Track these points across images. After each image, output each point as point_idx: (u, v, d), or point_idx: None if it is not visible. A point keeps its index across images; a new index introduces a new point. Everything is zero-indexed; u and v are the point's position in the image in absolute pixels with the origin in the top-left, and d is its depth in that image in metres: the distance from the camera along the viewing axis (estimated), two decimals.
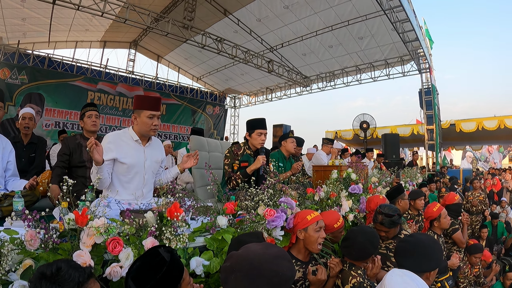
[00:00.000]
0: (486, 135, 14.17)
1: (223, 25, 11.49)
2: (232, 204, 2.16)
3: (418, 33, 10.32)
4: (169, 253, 1.39)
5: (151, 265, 1.34)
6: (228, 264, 1.28)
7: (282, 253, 1.31)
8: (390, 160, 9.51)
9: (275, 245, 1.38)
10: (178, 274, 1.37)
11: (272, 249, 1.31)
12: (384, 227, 2.82)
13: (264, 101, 17.78)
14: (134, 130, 2.49)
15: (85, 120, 3.40)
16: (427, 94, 12.34)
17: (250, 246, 1.33)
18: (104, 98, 12.92)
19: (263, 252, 1.26)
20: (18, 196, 2.28)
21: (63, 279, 1.09)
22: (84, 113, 3.41)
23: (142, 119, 2.41)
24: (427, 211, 3.69)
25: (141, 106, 2.43)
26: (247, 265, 1.22)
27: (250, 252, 1.27)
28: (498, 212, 8.02)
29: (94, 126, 3.40)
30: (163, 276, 1.30)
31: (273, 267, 1.22)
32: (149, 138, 2.56)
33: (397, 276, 1.46)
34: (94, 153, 2.11)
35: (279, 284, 1.22)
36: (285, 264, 1.26)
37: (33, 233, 1.42)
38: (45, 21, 10.51)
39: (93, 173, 2.26)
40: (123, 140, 2.44)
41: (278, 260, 1.25)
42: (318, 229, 2.17)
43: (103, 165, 2.22)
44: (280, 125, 12.20)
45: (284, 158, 4.31)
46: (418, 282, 1.44)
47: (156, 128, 2.46)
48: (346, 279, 2.13)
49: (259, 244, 1.36)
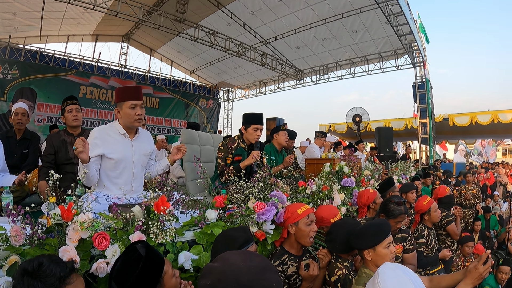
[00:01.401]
0: (480, 130, 14.24)
1: (216, 18, 11.40)
2: (221, 197, 2.14)
3: (412, 26, 10.33)
4: (145, 247, 1.36)
5: (129, 263, 1.32)
6: (208, 282, 1.07)
7: (267, 264, 1.13)
8: (383, 153, 9.53)
9: (255, 253, 1.21)
10: (157, 268, 1.35)
11: (255, 259, 1.12)
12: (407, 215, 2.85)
13: (258, 94, 17.76)
14: (120, 123, 2.42)
15: (66, 116, 3.29)
16: (421, 88, 12.39)
17: (229, 257, 1.14)
18: (96, 92, 12.82)
19: (247, 266, 1.07)
20: (6, 192, 2.24)
21: (45, 274, 1.09)
22: (64, 108, 3.30)
23: (124, 111, 2.35)
24: (417, 205, 3.71)
25: (121, 98, 2.37)
26: (234, 284, 1.02)
27: (232, 266, 1.07)
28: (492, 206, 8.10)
29: (75, 121, 3.29)
30: (141, 272, 1.28)
31: (264, 283, 1.04)
32: (136, 130, 2.50)
33: (390, 269, 1.46)
34: (80, 154, 2.06)
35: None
36: (274, 277, 1.09)
37: (18, 229, 1.39)
38: (36, 15, 10.39)
39: (80, 171, 2.19)
40: (109, 135, 2.38)
41: (266, 274, 1.07)
42: (309, 223, 2.15)
43: (89, 163, 2.18)
44: (274, 118, 12.18)
45: (276, 151, 4.29)
46: (410, 275, 1.44)
47: (140, 117, 2.37)
48: (332, 271, 2.13)
49: (238, 253, 1.19)
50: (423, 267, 3.43)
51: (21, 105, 3.81)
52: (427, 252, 3.52)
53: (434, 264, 3.55)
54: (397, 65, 12.92)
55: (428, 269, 3.51)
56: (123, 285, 1.28)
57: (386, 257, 1.87)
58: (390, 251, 1.90)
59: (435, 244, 3.63)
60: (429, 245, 3.54)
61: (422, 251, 3.50)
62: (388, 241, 1.92)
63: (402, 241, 2.95)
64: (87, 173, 2.16)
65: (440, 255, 3.68)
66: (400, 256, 2.93)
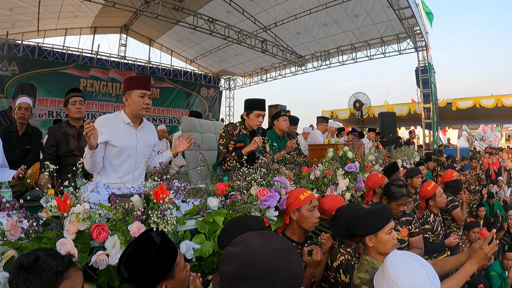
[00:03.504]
0: (483, 114, 14.09)
1: (214, 6, 11.20)
2: (223, 184, 2.09)
3: (414, 10, 10.17)
4: (160, 236, 1.35)
5: (142, 249, 1.31)
6: (231, 269, 1.04)
7: (289, 246, 1.10)
8: (387, 139, 9.46)
9: (273, 234, 1.17)
10: (170, 258, 1.32)
11: (276, 241, 1.09)
12: (409, 197, 2.82)
13: (259, 81, 17.66)
14: (126, 112, 2.46)
15: (69, 107, 3.28)
16: (424, 72, 12.24)
17: (249, 240, 1.10)
18: (96, 85, 12.76)
19: (271, 250, 1.04)
20: (5, 187, 2.24)
21: (41, 269, 1.07)
22: (68, 99, 3.29)
23: (133, 99, 2.39)
24: (422, 190, 3.67)
25: (131, 86, 2.41)
26: (260, 270, 0.99)
27: (255, 252, 1.03)
28: (496, 191, 8.05)
29: (79, 113, 3.28)
30: (153, 260, 1.25)
31: (288, 267, 1.02)
32: (141, 121, 2.54)
33: (399, 256, 1.41)
34: (90, 137, 2.08)
35: (295, 285, 1.04)
36: (297, 260, 1.07)
37: (13, 223, 1.36)
38: (33, 10, 10.28)
39: (86, 157, 2.23)
40: (114, 123, 2.42)
41: (290, 257, 1.04)
42: (312, 209, 2.10)
43: (97, 149, 2.20)
44: (276, 105, 12.10)
45: (278, 137, 4.22)
46: (420, 261, 1.39)
47: (148, 107, 2.44)
48: (335, 257, 2.09)
49: (256, 235, 1.14)
50: (429, 254, 3.39)
51: (25, 100, 3.77)
52: (433, 238, 3.49)
53: (441, 250, 3.51)
54: (399, 49, 12.77)
55: (434, 256, 3.47)
56: (133, 270, 1.26)
57: (388, 243, 1.83)
58: (392, 237, 1.85)
59: (441, 231, 3.59)
60: (435, 231, 3.50)
61: (428, 237, 3.46)
62: (390, 226, 1.87)
63: (407, 225, 2.90)
64: (94, 159, 2.22)
65: (446, 241, 3.64)
66: (406, 240, 2.88)
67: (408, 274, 1.32)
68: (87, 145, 2.15)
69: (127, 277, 1.28)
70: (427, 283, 1.30)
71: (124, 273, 1.29)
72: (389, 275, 1.34)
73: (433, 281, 1.32)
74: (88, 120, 2.09)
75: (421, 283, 1.30)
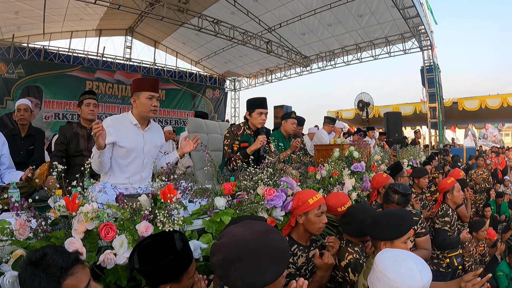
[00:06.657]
0: (489, 114, 13.99)
1: (219, 7, 11.22)
2: (230, 184, 2.09)
3: (419, 9, 10.10)
4: (182, 242, 1.37)
5: (161, 249, 1.32)
6: (219, 257, 1.14)
7: (268, 227, 1.24)
8: (392, 138, 9.43)
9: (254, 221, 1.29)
10: (184, 265, 1.35)
11: (256, 226, 1.22)
12: (401, 207, 2.77)
13: (264, 82, 17.59)
14: (133, 114, 2.49)
15: (83, 108, 3.37)
16: (429, 71, 12.14)
17: (231, 230, 1.22)
18: (102, 87, 12.80)
19: (251, 232, 1.17)
20: (13, 187, 2.26)
21: (47, 264, 1.10)
22: (83, 100, 3.38)
23: (141, 101, 2.42)
24: (442, 183, 3.72)
25: (139, 88, 2.44)
26: (245, 251, 1.11)
27: (238, 237, 1.16)
28: (502, 190, 7.97)
29: (91, 114, 3.37)
30: (168, 263, 1.28)
31: (271, 243, 1.14)
32: (148, 122, 2.55)
33: (387, 251, 1.47)
34: (99, 138, 2.10)
35: (281, 258, 1.14)
36: (278, 237, 1.19)
37: (22, 222, 1.37)
38: (38, 13, 10.33)
39: (94, 157, 2.25)
40: (122, 124, 2.44)
41: (270, 235, 1.17)
42: (320, 214, 2.06)
43: (105, 149, 2.22)
44: (281, 106, 12.11)
45: (284, 137, 4.23)
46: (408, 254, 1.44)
47: (155, 109, 2.46)
48: (342, 256, 2.09)
49: (238, 225, 1.25)
50: (443, 249, 3.44)
51: (23, 101, 3.81)
52: (449, 233, 3.49)
53: (455, 246, 3.51)
54: (404, 49, 12.70)
55: (446, 252, 3.47)
56: (146, 265, 1.29)
57: None
58: (407, 247, 1.83)
59: (456, 227, 3.61)
60: (452, 226, 3.51)
61: (447, 230, 3.47)
62: (408, 235, 1.85)
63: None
64: (102, 159, 2.24)
65: (460, 236, 3.64)
66: (412, 240, 2.84)
67: (395, 265, 1.36)
68: (95, 145, 2.16)
69: (138, 268, 1.31)
70: (415, 271, 1.33)
71: (136, 263, 1.32)
72: (378, 268, 1.39)
73: (422, 269, 1.35)
74: (97, 121, 2.11)
75: (409, 271, 1.33)
